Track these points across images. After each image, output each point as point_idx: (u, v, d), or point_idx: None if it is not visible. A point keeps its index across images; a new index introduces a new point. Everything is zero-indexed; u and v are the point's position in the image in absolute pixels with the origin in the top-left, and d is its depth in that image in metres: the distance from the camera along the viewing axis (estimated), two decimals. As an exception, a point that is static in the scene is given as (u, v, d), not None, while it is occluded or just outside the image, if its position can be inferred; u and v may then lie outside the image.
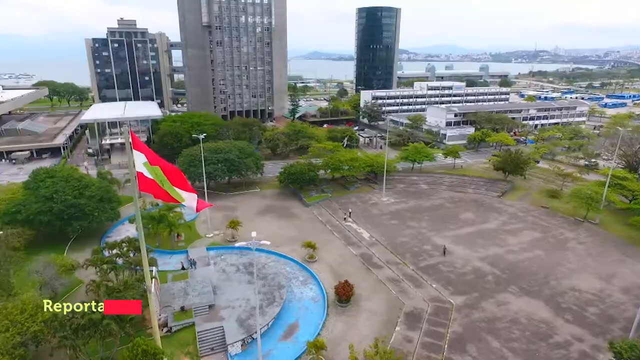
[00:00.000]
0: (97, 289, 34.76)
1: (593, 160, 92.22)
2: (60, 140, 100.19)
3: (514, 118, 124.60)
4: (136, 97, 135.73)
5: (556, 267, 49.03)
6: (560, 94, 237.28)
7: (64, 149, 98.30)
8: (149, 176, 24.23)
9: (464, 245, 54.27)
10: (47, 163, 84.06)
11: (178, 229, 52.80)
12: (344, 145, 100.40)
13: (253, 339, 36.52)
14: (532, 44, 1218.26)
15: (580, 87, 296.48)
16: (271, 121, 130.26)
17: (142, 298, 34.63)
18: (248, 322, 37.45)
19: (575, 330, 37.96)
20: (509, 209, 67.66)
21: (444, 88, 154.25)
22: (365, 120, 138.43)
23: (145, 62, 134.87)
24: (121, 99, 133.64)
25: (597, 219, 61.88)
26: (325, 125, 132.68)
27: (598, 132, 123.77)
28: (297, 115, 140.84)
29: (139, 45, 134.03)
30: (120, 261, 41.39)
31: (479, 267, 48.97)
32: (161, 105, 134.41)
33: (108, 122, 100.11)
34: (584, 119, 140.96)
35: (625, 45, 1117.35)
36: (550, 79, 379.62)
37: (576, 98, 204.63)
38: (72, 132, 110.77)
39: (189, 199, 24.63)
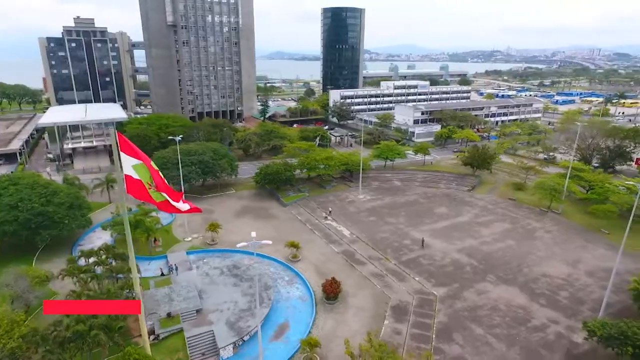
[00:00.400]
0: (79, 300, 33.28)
1: (551, 154, 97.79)
2: (15, 145, 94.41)
3: (476, 115, 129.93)
4: (97, 99, 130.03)
5: (527, 256, 51.83)
6: (515, 92, 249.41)
7: (20, 155, 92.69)
8: (137, 177, 23.64)
9: (441, 239, 56.19)
10: (2, 170, 79.00)
11: (156, 234, 51.27)
12: (317, 145, 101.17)
13: (244, 341, 36.31)
14: (487, 44, 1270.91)
15: (533, 85, 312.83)
16: (240, 122, 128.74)
17: (127, 306, 33.55)
18: (238, 325, 37.11)
19: (550, 313, 40.37)
20: (479, 202, 70.64)
21: (409, 87, 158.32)
22: (335, 120, 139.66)
23: (105, 62, 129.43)
24: (80, 101, 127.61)
25: (560, 209, 65.85)
26: (295, 125, 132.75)
27: (553, 127, 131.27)
28: (266, 116, 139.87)
29: (99, 45, 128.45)
30: (99, 269, 39.75)
31: (457, 258, 50.91)
32: (124, 107, 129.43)
33: (69, 126, 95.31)
34: (539, 115, 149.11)
35: (570, 45, 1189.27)
36: (505, 77, 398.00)
37: (529, 96, 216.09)
38: (28, 137, 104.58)
39: (180, 204, 24.27)
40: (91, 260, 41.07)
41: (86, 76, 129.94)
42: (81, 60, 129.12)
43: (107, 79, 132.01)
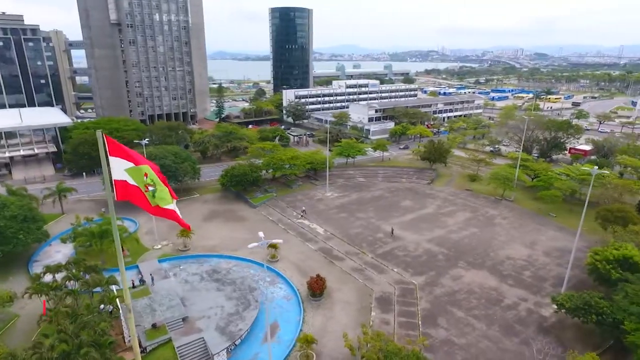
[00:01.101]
0: (57, 318, 30.98)
1: (496, 146, 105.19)
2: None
3: (425, 112, 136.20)
4: (31, 103, 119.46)
5: (490, 241, 55.69)
6: (455, 89, 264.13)
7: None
8: (133, 183, 22.64)
9: (411, 231, 58.65)
10: None
11: (125, 243, 48.57)
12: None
13: (236, 345, 35.74)
14: (424, 44, 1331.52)
15: (470, 83, 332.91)
16: (194, 124, 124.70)
17: (110, 320, 32.01)
18: (229, 329, 36.43)
19: (519, 292, 43.84)
20: (439, 194, 74.48)
21: (360, 86, 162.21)
22: (290, 119, 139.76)
23: (39, 63, 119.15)
24: (11, 106, 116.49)
25: (512, 197, 71.29)
26: (250, 126, 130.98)
27: (495, 121, 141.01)
28: (217, 118, 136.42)
29: (30, 44, 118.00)
30: (72, 285, 37.11)
31: (428, 248, 53.49)
32: (63, 111, 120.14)
33: (4, 133, 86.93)
34: (480, 110, 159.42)
35: (496, 46, 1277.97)
36: (444, 76, 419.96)
37: (467, 93, 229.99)
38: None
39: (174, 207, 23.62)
40: (59, 275, 38.25)
41: (17, 78, 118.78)
42: (10, 61, 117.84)
43: (42, 81, 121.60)
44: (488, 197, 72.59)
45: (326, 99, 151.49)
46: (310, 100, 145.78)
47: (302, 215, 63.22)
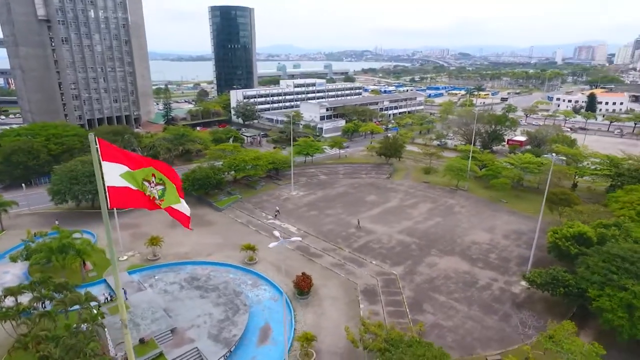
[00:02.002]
0: (34, 344, 28.07)
1: (443, 140, 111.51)
2: None
3: (373, 109, 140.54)
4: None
5: (455, 229, 59.19)
6: (394, 87, 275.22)
7: None
8: (131, 186, 21.26)
9: (380, 224, 60.53)
10: None
11: (90, 257, 44.85)
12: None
13: (231, 352, 34.73)
14: (359, 44, 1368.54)
15: (406, 81, 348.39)
16: (137, 127, 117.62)
17: (94, 340, 29.78)
18: (222, 336, 35.29)
19: (489, 273, 47.19)
20: (400, 187, 77.54)
21: (308, 85, 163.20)
22: (240, 120, 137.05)
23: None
24: None
25: (466, 186, 76.19)
26: (198, 128, 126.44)
27: (437, 117, 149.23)
28: (163, 121, 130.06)
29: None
30: (42, 306, 33.71)
31: (401, 239, 55.61)
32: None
33: None
34: (422, 107, 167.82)
35: (425, 46, 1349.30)
36: (380, 75, 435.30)
37: (406, 90, 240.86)
38: None
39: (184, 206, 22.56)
40: (23, 297, 34.54)
41: None
42: None
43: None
44: (444, 187, 76.91)
45: (275, 98, 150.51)
46: (259, 100, 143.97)
47: (275, 215, 62.58)
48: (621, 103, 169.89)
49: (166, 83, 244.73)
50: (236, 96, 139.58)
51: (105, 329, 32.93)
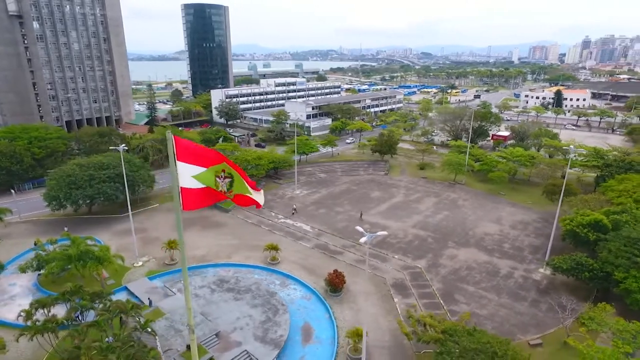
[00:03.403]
0: (88, 355, 26.44)
1: (430, 136, 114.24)
2: None
3: (356, 107, 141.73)
4: None
5: (464, 221, 60.87)
6: (367, 86, 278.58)
7: None
8: (202, 186, 20.50)
9: (392, 219, 61.25)
10: None
11: (113, 264, 42.55)
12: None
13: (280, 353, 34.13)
14: (324, 44, 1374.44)
15: (377, 80, 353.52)
16: (118, 129, 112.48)
17: (153, 348, 28.55)
18: (269, 337, 34.62)
19: (508, 262, 48.92)
20: (400, 183, 78.75)
21: (289, 84, 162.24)
22: (222, 120, 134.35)
23: None
24: None
25: (463, 180, 78.49)
26: (180, 129, 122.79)
27: (419, 114, 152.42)
28: (144, 121, 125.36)
29: None
30: (80, 316, 31.77)
31: (416, 233, 56.56)
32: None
33: None
34: (401, 105, 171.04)
35: (388, 46, 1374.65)
36: (350, 74, 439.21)
37: (383, 89, 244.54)
38: None
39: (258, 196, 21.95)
40: (56, 308, 32.42)
41: None
42: None
43: None
44: (442, 182, 78.84)
45: (256, 98, 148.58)
46: (242, 99, 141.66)
47: (293, 213, 61.96)
48: (584, 99, 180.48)
49: (134, 83, 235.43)
50: (218, 96, 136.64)
51: (156, 337, 31.46)
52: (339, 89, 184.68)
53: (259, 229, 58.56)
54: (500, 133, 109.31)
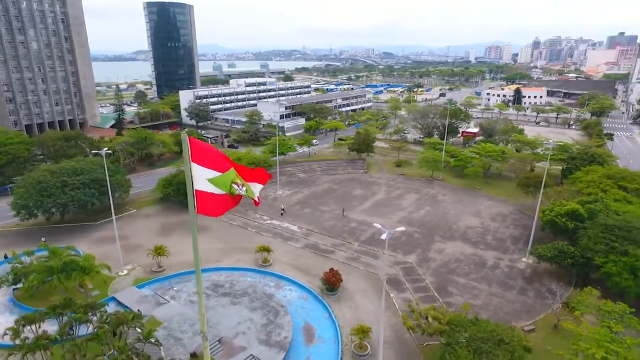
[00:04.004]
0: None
1: (402, 134, 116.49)
2: None
3: (328, 107, 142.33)
4: None
5: (446, 216, 62.65)
6: (334, 85, 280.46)
7: None
8: (218, 192, 20.05)
9: (377, 216, 61.96)
10: None
11: (99, 274, 40.41)
12: None
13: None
14: (286, 44, 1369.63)
15: (343, 80, 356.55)
16: (83, 132, 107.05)
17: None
18: (273, 339, 34.19)
19: (493, 253, 50.85)
20: (380, 180, 79.91)
21: (259, 84, 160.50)
22: (192, 122, 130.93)
23: None
24: None
25: (440, 176, 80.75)
26: (150, 132, 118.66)
27: (385, 112, 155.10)
28: (110, 124, 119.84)
29: None
30: (75, 331, 30.03)
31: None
32: None
33: None
34: (371, 104, 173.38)
35: (350, 46, 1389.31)
36: (315, 74, 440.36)
37: (347, 89, 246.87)
38: None
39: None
40: (46, 324, 30.51)
41: None
42: None
43: None
44: (420, 178, 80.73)
45: (227, 98, 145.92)
46: (212, 100, 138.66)
47: (282, 214, 61.35)
48: (541, 96, 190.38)
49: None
50: (187, 97, 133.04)
51: (161, 347, 30.24)
52: (309, 89, 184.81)
53: (246, 231, 57.63)
54: (469, 130, 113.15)
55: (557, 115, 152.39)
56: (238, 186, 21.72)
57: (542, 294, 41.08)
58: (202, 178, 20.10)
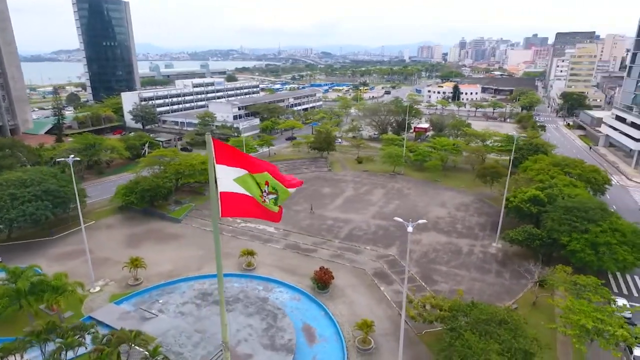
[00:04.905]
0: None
1: (358, 132, 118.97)
2: None
3: (281, 106, 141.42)
4: None
5: (415, 208, 65.13)
6: (280, 85, 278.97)
7: None
8: (246, 193, 19.60)
9: (351, 213, 62.93)
10: None
11: (74, 294, 36.70)
12: (144, 154, 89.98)
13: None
14: (224, 44, 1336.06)
15: (287, 79, 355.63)
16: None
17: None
18: (278, 343, 33.52)
19: (465, 241, 53.77)
20: (345, 177, 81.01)
21: (207, 84, 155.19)
22: (139, 125, 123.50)
23: None
24: None
25: (402, 171, 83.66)
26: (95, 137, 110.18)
27: (344, 111, 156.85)
28: (44, 130, 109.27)
29: None
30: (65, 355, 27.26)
31: (378, 224, 58.92)
32: None
33: None
34: (320, 102, 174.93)
35: (289, 46, 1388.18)
36: (257, 73, 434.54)
37: (293, 88, 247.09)
38: None
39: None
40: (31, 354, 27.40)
41: None
42: None
43: None
44: (384, 174, 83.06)
45: (174, 100, 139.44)
46: (158, 102, 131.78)
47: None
48: (476, 93, 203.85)
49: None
50: (131, 99, 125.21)
51: (168, 363, 28.32)
52: (257, 89, 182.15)
53: (221, 235, 55.39)
54: (420, 125, 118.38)
55: (494, 109, 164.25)
56: (264, 192, 20.86)
57: (516, 275, 44.37)
58: (228, 178, 19.29)
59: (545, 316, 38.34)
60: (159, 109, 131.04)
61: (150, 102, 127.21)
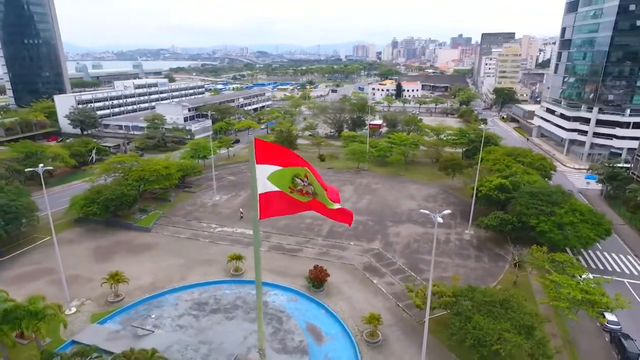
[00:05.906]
0: None
1: (314, 130, 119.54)
2: None
3: (231, 107, 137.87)
4: None
5: (387, 202, 67.02)
6: (222, 85, 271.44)
7: None
8: (277, 189, 19.39)
9: (326, 210, 63.16)
10: None
11: (57, 318, 32.93)
12: (92, 160, 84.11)
13: (301, 358, 32.91)
14: (153, 43, 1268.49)
15: (229, 79, 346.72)
16: None
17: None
18: (291, 346, 33.03)
19: (440, 230, 56.30)
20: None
21: (150, 85, 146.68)
22: (77, 130, 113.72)
23: None
24: None
25: (366, 167, 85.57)
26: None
27: (296, 109, 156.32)
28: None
29: None
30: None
31: (356, 219, 59.22)
32: None
33: None
34: (270, 102, 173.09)
35: (222, 45, 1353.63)
36: (194, 74, 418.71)
37: (237, 88, 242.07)
38: None
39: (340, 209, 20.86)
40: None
41: None
42: None
43: None
44: (349, 170, 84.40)
45: (115, 102, 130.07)
46: (97, 105, 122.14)
47: (241, 217, 57.94)
48: (417, 90, 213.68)
49: None
50: (67, 102, 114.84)
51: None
52: (203, 89, 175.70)
53: (198, 242, 53.33)
54: (374, 122, 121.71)
55: (436, 105, 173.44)
56: (303, 182, 20.68)
57: (494, 258, 47.59)
58: (263, 178, 18.98)
59: (525, 293, 41.36)
60: (99, 112, 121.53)
61: (89, 105, 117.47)
